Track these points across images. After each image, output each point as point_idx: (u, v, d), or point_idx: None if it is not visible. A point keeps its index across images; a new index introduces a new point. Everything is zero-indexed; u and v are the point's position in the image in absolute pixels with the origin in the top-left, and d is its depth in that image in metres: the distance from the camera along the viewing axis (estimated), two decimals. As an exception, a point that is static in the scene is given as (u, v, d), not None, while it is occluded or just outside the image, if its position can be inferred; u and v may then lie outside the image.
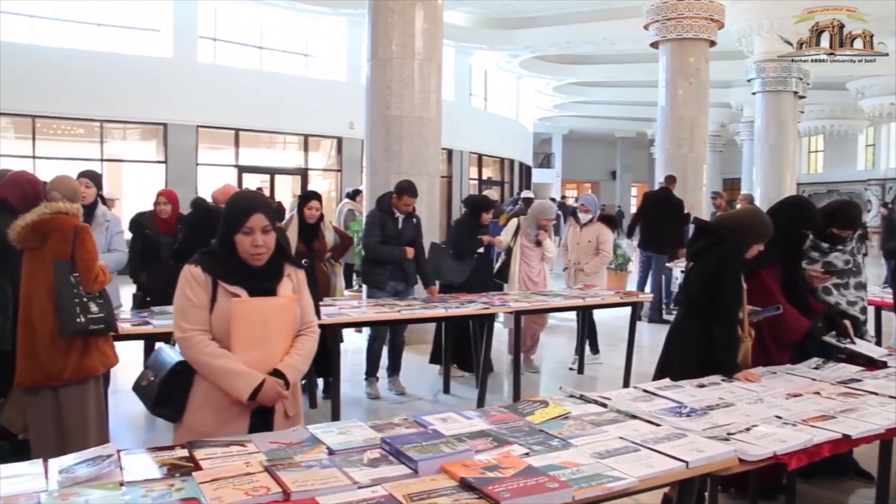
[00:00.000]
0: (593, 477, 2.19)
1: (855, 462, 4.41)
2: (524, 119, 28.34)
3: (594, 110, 31.31)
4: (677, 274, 10.69)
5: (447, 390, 6.60)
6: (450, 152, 21.34)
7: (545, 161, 36.70)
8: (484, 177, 25.12)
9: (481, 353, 6.12)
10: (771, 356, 3.98)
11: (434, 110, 8.32)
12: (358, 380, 6.48)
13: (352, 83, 17.25)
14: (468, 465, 2.21)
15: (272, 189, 17.83)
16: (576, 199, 12.22)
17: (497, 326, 6.65)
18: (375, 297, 6.18)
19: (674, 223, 10.58)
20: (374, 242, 6.18)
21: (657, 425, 2.72)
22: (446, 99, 9.57)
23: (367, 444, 2.44)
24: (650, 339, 9.08)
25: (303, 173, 18.88)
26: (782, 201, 4.49)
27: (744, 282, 3.75)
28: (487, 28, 19.63)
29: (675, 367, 3.71)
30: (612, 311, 8.01)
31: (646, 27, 13.17)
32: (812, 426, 2.77)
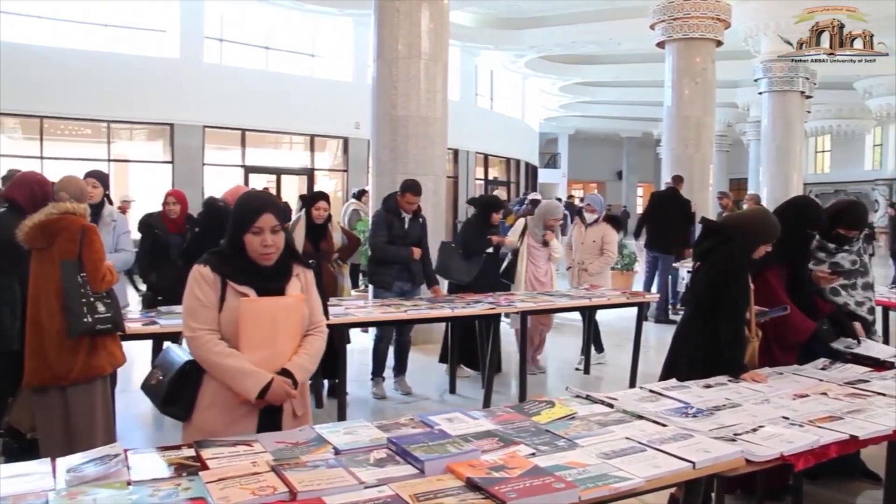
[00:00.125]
0: (600, 477, 2.19)
1: (862, 463, 4.40)
2: (530, 119, 28.33)
3: (600, 110, 31.30)
4: (684, 274, 10.67)
5: (453, 390, 6.60)
6: (456, 152, 21.35)
7: (551, 161, 36.69)
8: (490, 177, 25.13)
9: (487, 352, 6.12)
10: (774, 357, 3.97)
11: (440, 110, 8.32)
12: (364, 380, 6.49)
13: (358, 83, 17.28)
14: (474, 466, 2.21)
15: (278, 189, 17.86)
16: (581, 200, 12.19)
17: (504, 326, 6.65)
18: (382, 297, 6.19)
19: (681, 223, 10.56)
20: (380, 243, 6.19)
21: (664, 426, 2.71)
22: (452, 99, 9.56)
23: (374, 444, 2.44)
24: (656, 339, 9.07)
25: (309, 173, 18.91)
26: (789, 201, 4.48)
27: (751, 282, 3.74)
28: (493, 28, 19.64)
29: (681, 367, 3.71)
30: (618, 311, 8.00)
31: (652, 27, 13.15)
32: (819, 427, 2.76)
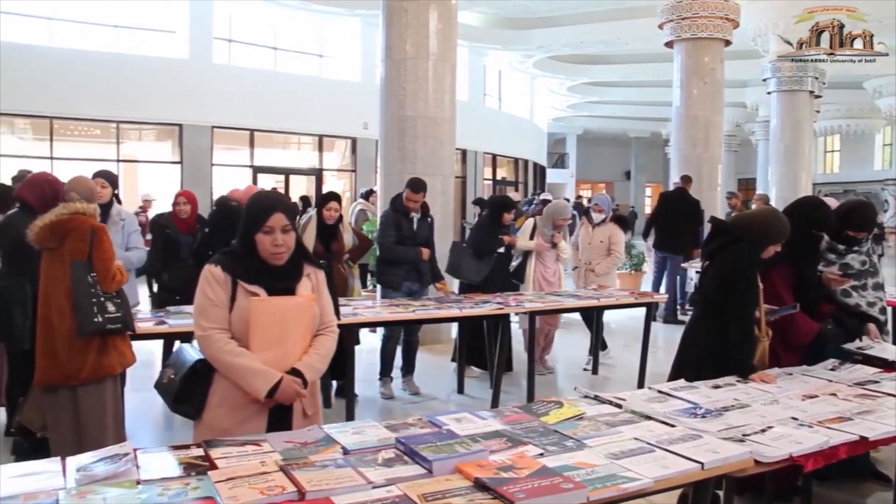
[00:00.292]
0: (608, 478, 2.19)
1: (872, 465, 4.38)
2: (538, 119, 28.31)
3: (608, 110, 31.24)
4: (692, 274, 10.64)
5: (461, 390, 6.60)
6: (464, 152, 21.34)
7: (559, 161, 36.65)
8: (498, 177, 25.11)
9: (495, 353, 6.12)
10: (779, 358, 3.95)
11: (448, 110, 8.32)
12: (372, 380, 6.49)
13: (366, 84, 17.30)
14: (483, 466, 2.21)
15: (287, 189, 17.90)
16: (588, 200, 12.17)
17: (512, 326, 6.65)
18: (390, 297, 6.20)
19: (689, 223, 10.54)
20: (389, 243, 6.19)
21: (672, 426, 2.71)
22: (460, 99, 9.56)
23: (382, 444, 2.45)
24: (665, 339, 9.05)
25: (317, 174, 18.94)
26: (797, 201, 4.46)
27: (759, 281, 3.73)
28: (501, 28, 19.62)
29: (690, 367, 3.70)
30: (627, 311, 7.99)
31: (660, 27, 13.12)
32: (829, 428, 2.75)
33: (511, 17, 19.36)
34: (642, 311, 6.74)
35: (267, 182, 17.40)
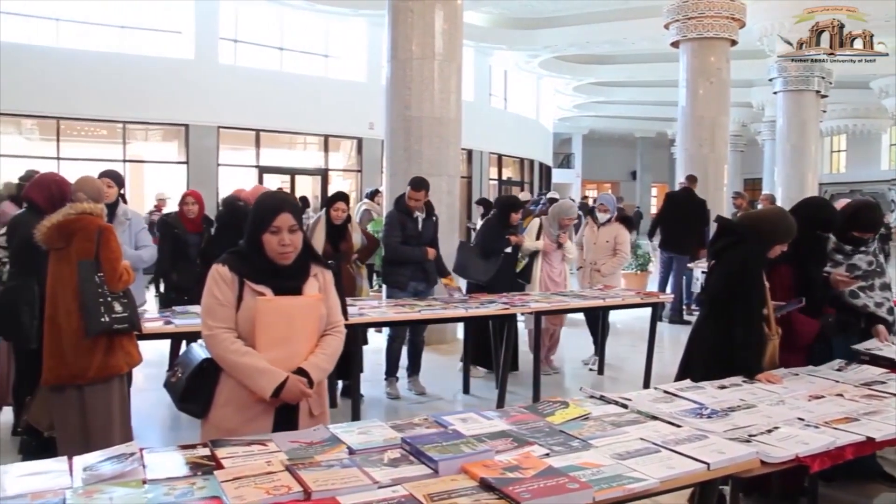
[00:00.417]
0: (614, 478, 2.19)
1: (879, 465, 4.37)
2: (544, 119, 28.27)
3: (614, 110, 31.20)
4: (698, 275, 10.62)
5: (467, 390, 6.59)
6: (469, 153, 21.33)
7: (565, 161, 36.62)
8: (504, 177, 25.09)
9: (501, 353, 6.12)
10: (782, 358, 3.93)
11: (454, 111, 8.32)
12: (378, 379, 6.50)
13: (372, 84, 17.29)
14: (488, 466, 2.21)
15: (292, 190, 17.91)
16: (594, 200, 12.16)
17: (519, 326, 6.64)
18: (396, 297, 6.19)
19: (695, 223, 10.52)
20: (394, 243, 6.20)
21: (678, 426, 2.71)
22: (466, 99, 9.55)
23: (388, 444, 2.45)
24: (671, 340, 9.04)
25: (323, 174, 18.96)
26: (802, 202, 4.44)
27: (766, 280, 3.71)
28: (507, 28, 19.60)
29: (696, 367, 3.69)
30: (633, 311, 7.97)
31: (666, 26, 13.10)
32: (835, 428, 2.75)
33: (517, 17, 19.35)
34: (648, 311, 6.74)
35: (273, 182, 17.42)
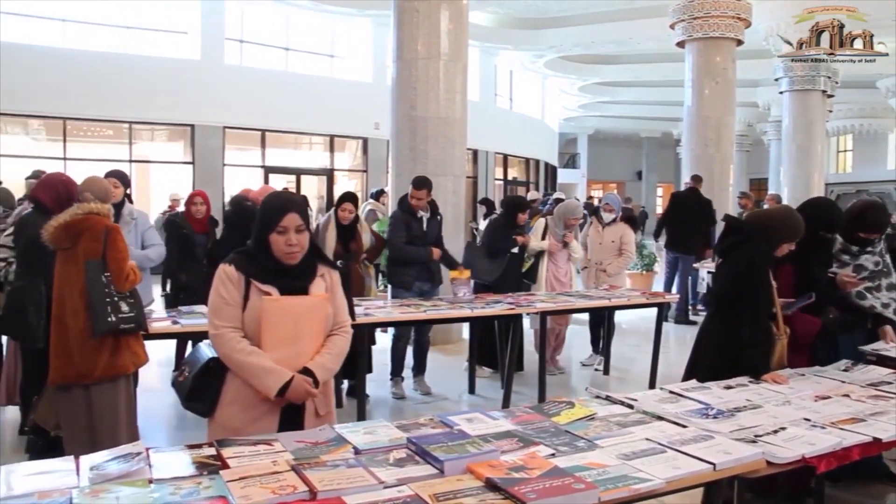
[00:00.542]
0: (620, 478, 2.19)
1: (885, 466, 4.35)
2: (549, 119, 28.25)
3: (619, 110, 31.16)
4: (704, 275, 10.61)
5: (472, 390, 6.59)
6: (475, 153, 21.32)
7: (570, 161, 36.58)
8: (509, 177, 25.09)
9: (506, 353, 6.11)
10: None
11: (459, 111, 8.32)
12: (383, 380, 6.49)
13: (377, 84, 17.31)
14: (494, 466, 2.21)
15: (298, 190, 17.91)
16: (598, 200, 12.15)
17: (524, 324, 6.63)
18: (401, 297, 6.19)
19: (701, 223, 10.50)
20: (399, 243, 6.20)
21: (684, 427, 2.70)
22: (471, 99, 9.56)
23: (393, 444, 2.45)
24: (676, 340, 9.03)
25: (328, 174, 18.96)
26: (807, 202, 4.41)
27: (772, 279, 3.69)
28: (512, 28, 19.59)
29: (703, 367, 3.68)
30: (638, 311, 7.96)
31: (672, 26, 13.07)
32: (841, 429, 2.74)
33: (522, 17, 19.34)
34: (653, 311, 6.73)
35: (278, 182, 17.44)
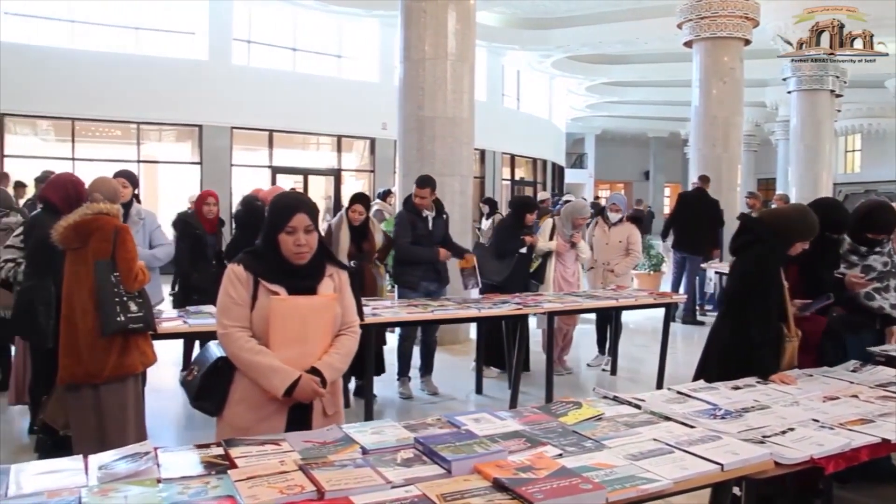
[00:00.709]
0: (627, 479, 2.18)
1: (894, 467, 4.34)
2: (557, 119, 28.22)
3: (627, 110, 31.11)
4: (711, 275, 10.59)
5: (480, 391, 6.59)
6: (482, 153, 21.31)
7: (578, 161, 36.55)
8: (516, 177, 25.07)
9: (513, 353, 6.11)
10: None
11: (467, 111, 8.33)
12: (391, 380, 6.50)
13: (384, 84, 17.30)
14: (501, 466, 2.21)
15: (305, 190, 17.94)
16: (605, 200, 12.14)
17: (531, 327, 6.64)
18: (408, 297, 6.19)
19: (708, 223, 10.48)
20: (405, 243, 6.20)
21: (691, 427, 2.70)
22: (479, 99, 9.56)
23: (401, 444, 2.45)
24: (684, 340, 9.01)
25: (336, 174, 18.99)
26: (815, 202, 4.39)
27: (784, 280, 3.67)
28: (519, 28, 19.58)
29: (713, 366, 3.67)
30: (646, 312, 7.95)
31: (679, 26, 13.04)
32: (850, 430, 2.73)
33: (529, 17, 19.33)
34: (661, 311, 6.71)
35: (286, 183, 17.46)
